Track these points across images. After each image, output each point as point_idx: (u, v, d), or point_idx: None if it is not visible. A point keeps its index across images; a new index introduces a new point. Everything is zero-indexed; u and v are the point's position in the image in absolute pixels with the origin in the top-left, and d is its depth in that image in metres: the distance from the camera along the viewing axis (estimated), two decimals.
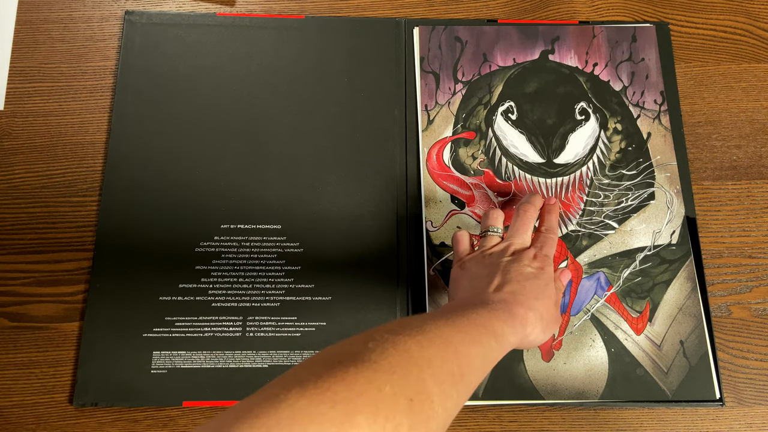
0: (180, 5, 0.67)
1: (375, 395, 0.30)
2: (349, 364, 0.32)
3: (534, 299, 0.46)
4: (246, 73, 0.64)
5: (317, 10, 0.67)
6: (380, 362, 0.32)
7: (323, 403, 0.29)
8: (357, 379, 0.31)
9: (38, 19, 0.66)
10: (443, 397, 0.34)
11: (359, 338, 0.35)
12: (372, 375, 0.31)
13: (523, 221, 0.53)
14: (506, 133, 0.63)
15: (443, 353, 0.36)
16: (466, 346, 0.38)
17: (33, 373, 0.55)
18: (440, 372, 0.35)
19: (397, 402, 0.31)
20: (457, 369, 0.36)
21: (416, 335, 0.36)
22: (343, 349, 0.34)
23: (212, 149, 0.61)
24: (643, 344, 0.56)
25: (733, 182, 0.62)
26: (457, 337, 0.38)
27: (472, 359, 0.38)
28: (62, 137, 0.62)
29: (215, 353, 0.55)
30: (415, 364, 0.34)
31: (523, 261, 0.49)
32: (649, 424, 0.55)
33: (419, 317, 0.39)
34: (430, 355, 0.35)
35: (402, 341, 0.35)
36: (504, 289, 0.46)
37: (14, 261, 0.58)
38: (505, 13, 0.68)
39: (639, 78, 0.65)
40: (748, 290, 0.59)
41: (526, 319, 0.44)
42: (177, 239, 0.58)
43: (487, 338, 0.40)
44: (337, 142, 0.62)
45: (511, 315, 0.44)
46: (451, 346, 0.37)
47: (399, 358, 0.33)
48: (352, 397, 0.30)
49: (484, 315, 0.42)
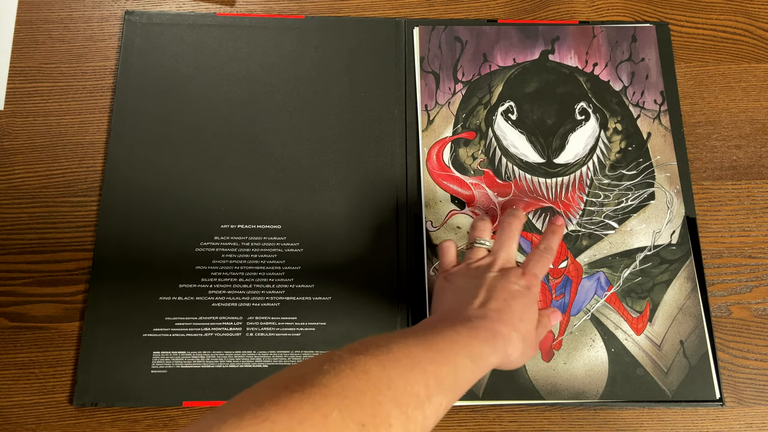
0: (180, 5, 0.67)
1: (319, 422, 0.29)
2: (294, 389, 0.30)
3: (518, 320, 0.45)
4: (246, 73, 0.64)
5: (317, 10, 0.67)
6: (331, 386, 0.31)
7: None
8: (301, 405, 0.29)
9: (38, 19, 0.66)
10: (404, 420, 0.32)
11: (316, 360, 0.34)
12: (319, 400, 0.30)
13: (508, 234, 0.52)
14: (506, 133, 0.63)
15: (407, 373, 0.34)
16: (436, 366, 0.36)
17: (33, 373, 0.55)
18: (403, 393, 0.33)
19: (345, 428, 0.29)
20: (424, 390, 0.34)
21: (379, 355, 0.34)
22: (295, 372, 0.32)
23: (212, 149, 0.61)
24: (643, 344, 0.56)
25: (733, 182, 0.62)
26: (426, 357, 0.36)
27: (442, 379, 0.36)
28: (62, 137, 0.62)
29: (215, 353, 0.55)
30: (372, 386, 0.32)
31: (510, 278, 0.47)
32: (649, 424, 0.55)
33: (388, 336, 0.37)
34: (391, 375, 0.33)
35: (361, 362, 0.33)
36: (488, 305, 0.45)
37: (14, 261, 0.58)
38: (505, 13, 0.68)
39: (639, 78, 0.65)
40: (748, 290, 0.59)
41: (509, 339, 0.43)
42: (177, 239, 0.58)
43: (462, 358, 0.38)
44: (337, 142, 0.62)
45: (493, 334, 0.42)
46: (417, 365, 0.35)
47: (355, 380, 0.32)
48: (293, 426, 0.28)
49: (463, 333, 0.40)
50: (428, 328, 0.40)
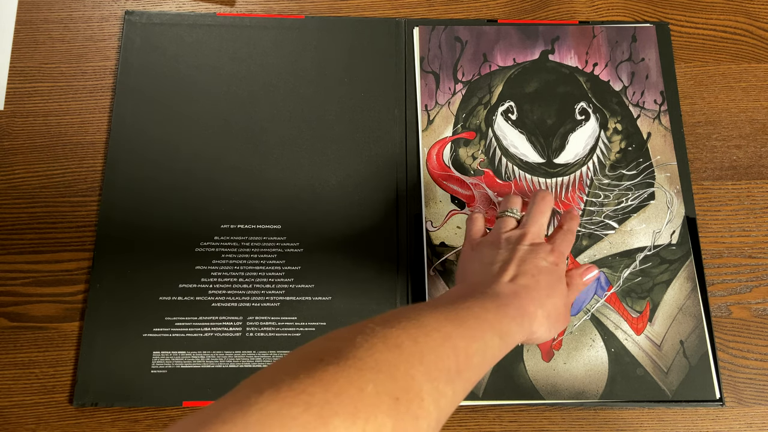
0: (180, 5, 0.67)
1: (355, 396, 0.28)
2: (329, 362, 0.30)
3: (546, 296, 0.45)
4: (246, 73, 0.64)
5: (317, 10, 0.67)
6: (365, 359, 0.31)
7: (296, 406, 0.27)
8: (336, 378, 0.29)
9: (38, 19, 0.66)
10: (436, 395, 0.32)
11: (348, 331, 0.33)
12: (354, 374, 0.29)
13: (540, 209, 0.52)
14: (506, 133, 0.63)
15: (439, 349, 0.34)
16: (466, 342, 0.36)
17: (33, 373, 0.55)
18: (434, 368, 0.33)
19: (379, 402, 0.29)
20: (454, 365, 0.34)
21: (411, 329, 0.34)
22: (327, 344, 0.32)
23: (212, 149, 0.61)
24: (643, 344, 0.56)
25: (733, 182, 0.62)
26: (457, 332, 0.36)
27: (471, 356, 0.36)
28: (62, 137, 0.62)
29: (215, 353, 0.55)
30: (405, 360, 0.32)
31: (539, 253, 0.47)
32: (649, 424, 0.55)
33: (418, 307, 0.37)
34: (423, 350, 0.33)
35: (394, 335, 0.33)
36: (518, 281, 0.45)
37: (14, 261, 0.58)
38: (505, 13, 0.68)
39: (639, 78, 0.65)
40: (748, 290, 0.59)
41: (535, 316, 0.43)
42: (177, 239, 0.58)
43: (491, 335, 0.38)
44: (337, 142, 0.62)
45: (521, 312, 0.42)
46: (449, 341, 0.35)
47: (388, 354, 0.32)
48: (329, 399, 0.28)
49: (491, 310, 0.40)
50: (457, 301, 0.40)
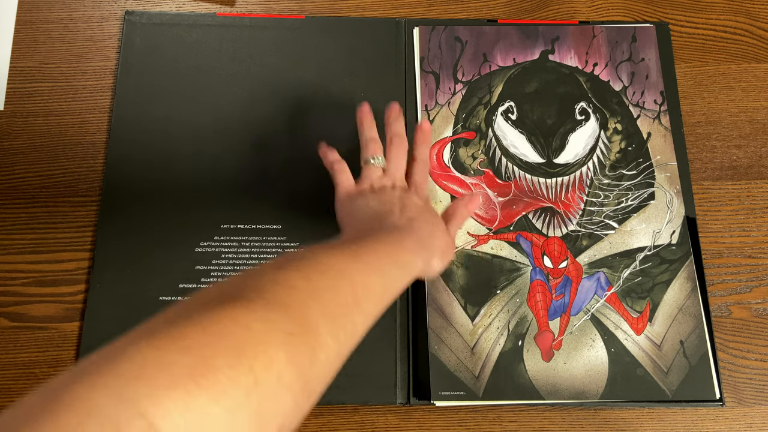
0: (180, 5, 0.67)
1: (240, 334, 0.27)
2: (212, 307, 0.28)
3: (432, 227, 0.48)
4: (246, 73, 0.64)
5: (317, 10, 0.67)
6: (255, 300, 0.29)
7: (173, 351, 0.25)
8: (219, 319, 0.27)
9: (38, 19, 0.66)
10: (334, 328, 0.32)
11: (238, 277, 0.32)
12: (241, 314, 0.28)
13: (398, 152, 0.54)
14: (506, 133, 0.63)
15: (334, 283, 0.34)
16: (364, 275, 0.36)
17: (33, 373, 0.55)
18: (330, 303, 0.33)
19: (270, 338, 0.28)
20: (352, 299, 0.34)
21: (304, 268, 0.34)
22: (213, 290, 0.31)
23: (212, 149, 0.61)
24: (643, 344, 0.56)
25: (733, 182, 0.62)
26: (353, 266, 0.36)
27: (371, 288, 0.36)
28: (62, 137, 0.62)
29: None
30: (297, 299, 0.31)
31: (411, 197, 0.51)
32: (649, 424, 0.55)
33: (312, 248, 0.37)
34: (318, 286, 0.33)
35: (285, 276, 0.32)
36: (407, 218, 0.47)
37: (14, 261, 0.58)
38: (505, 13, 0.68)
39: (639, 78, 0.65)
40: (748, 290, 0.59)
41: (432, 248, 0.45)
42: (177, 239, 0.58)
43: (389, 266, 0.39)
44: (337, 141, 0.62)
45: (419, 244, 0.44)
46: (344, 276, 0.35)
47: (280, 293, 0.31)
48: (210, 341, 0.26)
49: (388, 242, 0.42)
50: (352, 241, 0.41)
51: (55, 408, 0.23)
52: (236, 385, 0.25)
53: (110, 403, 0.23)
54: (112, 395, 0.23)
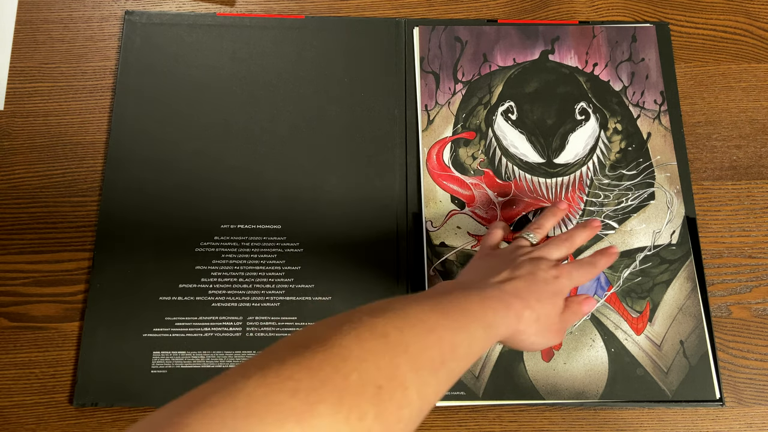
0: (180, 5, 0.67)
1: (340, 383, 0.29)
2: (316, 350, 0.30)
3: (536, 300, 0.44)
4: (246, 73, 0.64)
5: (317, 10, 0.67)
6: (351, 348, 0.31)
7: (283, 391, 0.27)
8: (322, 366, 0.29)
9: (38, 19, 0.66)
10: (420, 384, 0.33)
11: (336, 320, 0.34)
12: (340, 362, 0.30)
13: (568, 236, 0.51)
14: (506, 133, 0.63)
15: (424, 339, 0.35)
16: (451, 333, 0.37)
17: (33, 373, 0.55)
18: (419, 358, 0.33)
19: (364, 390, 0.30)
20: (439, 355, 0.35)
21: (396, 319, 0.35)
22: (315, 332, 0.32)
23: (212, 149, 0.61)
24: (643, 344, 0.56)
25: (733, 182, 0.62)
26: (442, 323, 0.37)
27: (456, 346, 0.37)
28: (62, 137, 0.62)
29: (215, 353, 0.55)
30: (390, 350, 0.32)
31: (540, 265, 0.47)
32: (649, 424, 0.55)
33: (404, 299, 0.38)
34: (408, 340, 0.34)
35: (380, 325, 0.33)
36: (508, 283, 0.45)
37: (14, 261, 0.58)
38: (505, 13, 0.68)
39: (639, 78, 0.65)
40: (748, 290, 0.59)
41: (521, 314, 0.43)
42: (177, 239, 0.58)
43: (475, 326, 0.39)
44: (337, 142, 0.62)
45: (505, 306, 0.42)
46: (433, 332, 0.36)
47: (374, 342, 0.32)
48: (315, 386, 0.28)
49: (476, 302, 0.41)
50: (444, 294, 0.40)
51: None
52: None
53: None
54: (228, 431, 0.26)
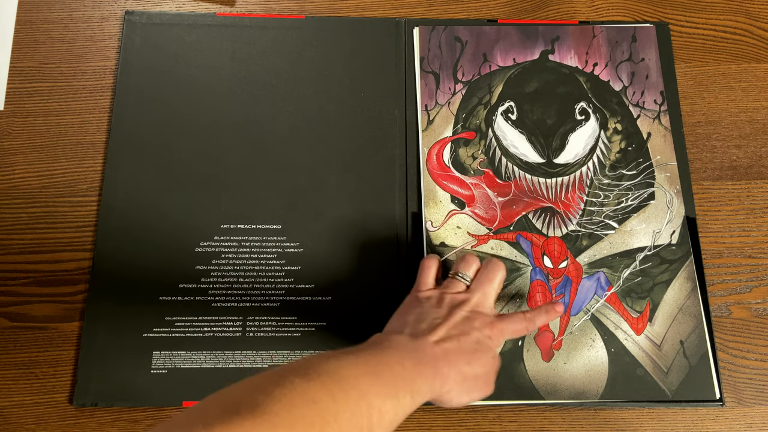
0: (180, 5, 0.67)
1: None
2: (246, 416, 0.31)
3: (465, 363, 0.45)
4: (246, 73, 0.64)
5: (317, 10, 0.67)
6: (281, 414, 0.32)
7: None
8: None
9: (38, 19, 0.66)
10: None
11: (268, 380, 0.35)
12: (269, 429, 0.31)
13: (488, 277, 0.51)
14: (506, 133, 0.63)
15: (354, 406, 0.36)
16: (381, 400, 0.38)
17: (33, 373, 0.55)
18: (347, 426, 0.35)
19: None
20: (366, 423, 0.36)
21: (329, 384, 0.36)
22: (246, 395, 0.34)
23: (212, 149, 0.61)
24: (643, 344, 0.56)
25: (733, 182, 0.62)
26: (373, 390, 0.38)
27: (384, 414, 0.38)
28: (62, 137, 0.62)
29: (215, 353, 0.55)
30: (320, 418, 0.34)
31: (475, 323, 0.48)
32: (649, 424, 0.55)
33: (338, 357, 0.39)
34: (339, 408, 0.35)
35: (312, 390, 0.35)
36: (442, 344, 0.45)
37: (14, 261, 0.58)
38: (505, 13, 0.68)
39: (639, 78, 0.65)
40: (748, 290, 0.59)
41: (447, 378, 0.44)
42: (177, 239, 0.58)
43: (404, 393, 0.40)
44: (337, 142, 0.62)
45: (434, 372, 0.43)
46: (364, 398, 0.37)
47: (304, 409, 0.33)
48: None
49: (408, 368, 0.42)
50: (377, 352, 0.42)
51: None
52: None
53: None
54: None
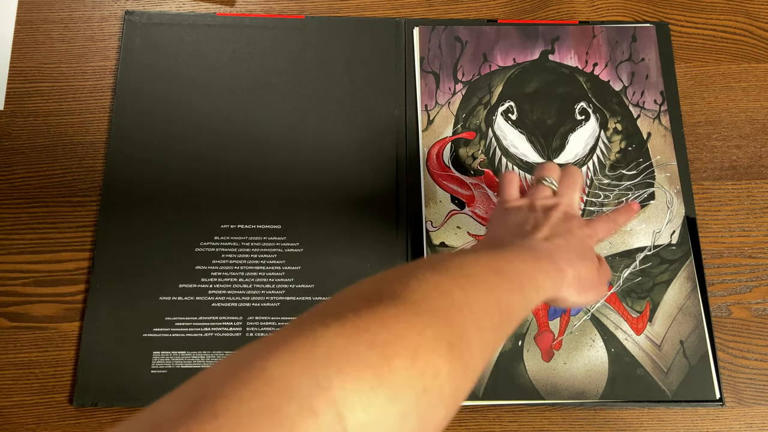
0: (180, 5, 0.67)
1: (415, 339, 0.29)
2: (389, 304, 0.30)
3: (578, 259, 0.45)
4: (246, 73, 0.64)
5: (317, 10, 0.67)
6: (422, 304, 0.31)
7: (361, 344, 0.27)
8: (398, 321, 0.29)
9: (38, 19, 0.66)
10: (483, 345, 0.33)
11: (401, 274, 0.34)
12: (413, 317, 0.30)
13: (573, 180, 0.52)
14: (506, 133, 0.63)
15: (485, 300, 0.35)
16: (508, 294, 0.37)
17: (33, 373, 0.55)
18: (481, 318, 0.34)
19: (437, 346, 0.29)
20: (497, 316, 0.35)
21: (459, 278, 0.35)
22: (384, 285, 0.32)
23: (212, 149, 0.61)
24: (643, 344, 0.56)
25: (733, 182, 0.62)
26: (500, 285, 0.37)
27: (512, 308, 0.37)
28: (62, 137, 0.62)
29: (215, 353, 0.55)
30: (457, 310, 0.32)
31: (573, 222, 0.48)
32: (649, 424, 0.55)
33: (461, 255, 0.38)
34: (472, 300, 0.34)
35: (445, 284, 0.33)
36: (551, 240, 0.45)
37: (14, 261, 0.58)
38: (505, 13, 0.68)
39: (639, 78, 0.65)
40: (748, 290, 0.59)
41: (566, 273, 0.43)
42: (177, 239, 0.58)
43: (529, 288, 0.39)
44: (337, 142, 0.62)
45: (554, 267, 0.42)
46: (493, 293, 0.36)
47: (442, 301, 0.32)
48: (391, 339, 0.28)
49: (530, 264, 0.41)
50: (497, 250, 0.41)
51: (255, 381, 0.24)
52: (410, 389, 0.26)
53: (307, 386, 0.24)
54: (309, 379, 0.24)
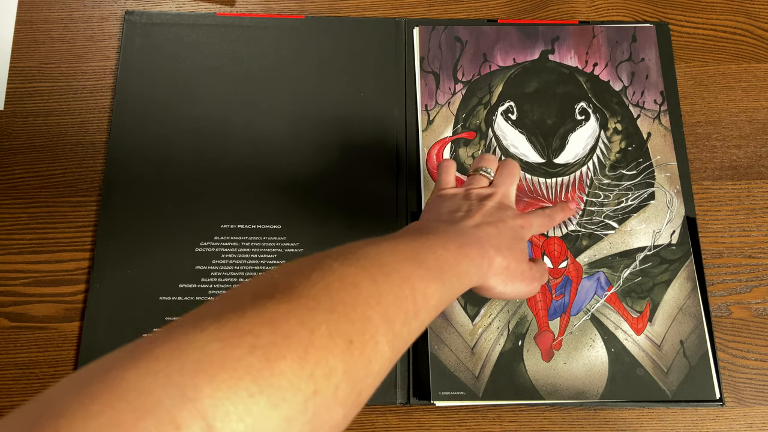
0: (180, 5, 0.67)
1: (305, 338, 0.26)
2: (280, 300, 0.27)
3: (507, 247, 0.43)
4: (246, 73, 0.64)
5: (317, 10, 0.67)
6: (320, 298, 0.28)
7: (240, 347, 0.24)
8: (287, 319, 0.26)
9: (38, 19, 0.66)
10: (392, 337, 0.31)
11: (304, 265, 0.31)
12: (306, 314, 0.27)
13: (510, 171, 0.50)
14: (506, 133, 0.63)
15: (397, 289, 0.32)
16: (425, 283, 0.34)
17: (33, 373, 0.55)
18: (392, 310, 0.31)
19: (332, 344, 0.27)
20: (412, 307, 0.33)
21: (370, 267, 0.32)
22: (282, 278, 0.29)
23: (212, 149, 0.61)
24: (643, 344, 0.56)
25: (733, 182, 0.62)
26: (417, 273, 0.34)
27: (429, 297, 0.34)
28: (62, 137, 0.62)
29: None
30: (362, 301, 0.30)
31: (507, 212, 0.46)
32: (649, 424, 0.55)
33: (377, 243, 0.35)
34: (381, 290, 0.31)
35: (352, 274, 0.31)
36: (482, 227, 0.43)
37: (14, 261, 0.58)
38: (505, 13, 0.68)
39: (639, 78, 0.65)
40: (748, 290, 0.59)
41: (493, 261, 0.42)
42: (177, 239, 0.58)
43: (449, 276, 0.37)
44: (337, 142, 0.62)
45: (481, 254, 0.40)
46: (407, 282, 0.33)
47: (344, 293, 0.29)
48: (277, 341, 0.25)
49: (452, 250, 0.38)
50: (419, 238, 0.38)
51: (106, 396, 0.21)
52: (296, 392, 0.24)
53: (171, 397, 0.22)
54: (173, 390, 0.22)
